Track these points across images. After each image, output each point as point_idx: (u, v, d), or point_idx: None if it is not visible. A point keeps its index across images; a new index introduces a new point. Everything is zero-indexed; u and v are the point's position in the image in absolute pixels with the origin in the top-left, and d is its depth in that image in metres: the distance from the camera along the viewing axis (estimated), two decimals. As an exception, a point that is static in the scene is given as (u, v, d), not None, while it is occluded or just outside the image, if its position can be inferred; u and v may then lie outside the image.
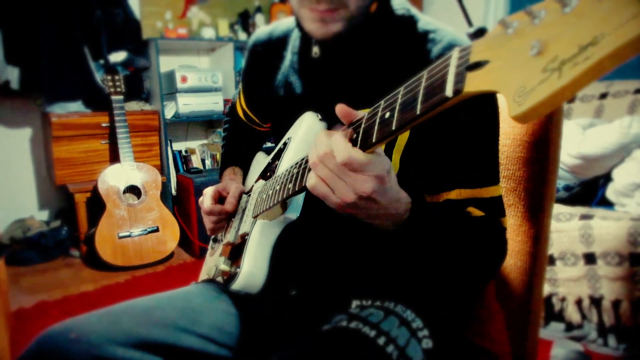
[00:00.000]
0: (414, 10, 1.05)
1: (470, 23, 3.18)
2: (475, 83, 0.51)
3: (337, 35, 0.96)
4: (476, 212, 0.95)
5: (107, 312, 1.03)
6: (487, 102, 0.95)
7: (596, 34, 0.39)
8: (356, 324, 0.95)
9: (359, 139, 0.71)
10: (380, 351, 0.90)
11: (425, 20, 1.03)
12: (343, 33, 0.96)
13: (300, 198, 1.05)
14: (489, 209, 0.95)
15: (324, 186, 0.76)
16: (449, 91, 0.54)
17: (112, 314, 1.03)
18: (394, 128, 0.64)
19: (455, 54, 0.55)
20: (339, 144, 0.71)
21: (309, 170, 0.81)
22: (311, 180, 0.77)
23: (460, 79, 0.53)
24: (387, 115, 0.65)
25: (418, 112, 0.59)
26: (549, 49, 0.42)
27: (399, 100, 0.64)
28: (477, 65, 0.51)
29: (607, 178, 2.76)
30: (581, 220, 2.38)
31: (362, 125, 0.71)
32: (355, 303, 1.04)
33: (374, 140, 0.68)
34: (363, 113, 0.74)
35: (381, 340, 0.91)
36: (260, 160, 1.39)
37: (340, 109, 0.76)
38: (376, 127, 0.68)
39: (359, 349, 0.91)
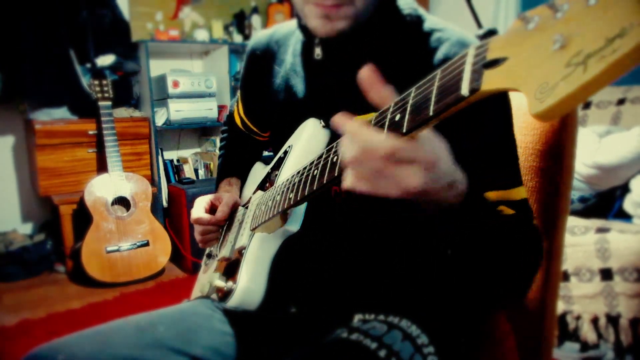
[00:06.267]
0: (421, 10, 1.06)
1: (479, 24, 3.19)
2: (493, 81, 0.51)
3: (342, 33, 0.98)
4: (508, 210, 0.92)
5: (97, 332, 1.03)
6: (501, 98, 0.96)
7: (624, 26, 0.39)
8: (357, 336, 0.95)
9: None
10: None
11: (432, 20, 1.04)
12: (348, 31, 0.98)
13: (301, 209, 1.05)
14: (519, 211, 0.94)
15: (364, 184, 0.68)
16: (464, 90, 0.54)
17: (102, 334, 1.03)
18: (404, 131, 0.63)
19: (471, 52, 0.55)
20: (378, 135, 0.65)
21: (340, 168, 0.75)
22: (348, 181, 0.69)
23: (477, 77, 0.53)
24: (397, 117, 0.65)
25: (431, 113, 0.59)
26: (572, 43, 0.43)
27: (410, 102, 0.63)
28: (495, 63, 0.51)
29: (624, 189, 2.76)
30: (597, 233, 2.38)
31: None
32: (357, 317, 1.04)
33: None
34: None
35: (382, 353, 0.91)
36: (258, 171, 1.39)
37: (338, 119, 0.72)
38: (385, 131, 0.67)
39: None
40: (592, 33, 0.41)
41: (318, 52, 1.09)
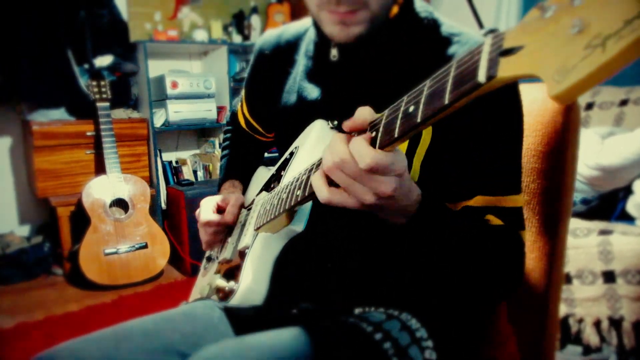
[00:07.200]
0: (437, 14, 1.07)
1: (481, 25, 3.19)
2: (509, 67, 0.52)
3: (359, 37, 0.98)
4: (495, 220, 0.96)
5: (103, 337, 1.03)
6: (512, 104, 0.98)
7: None
8: (354, 320, 0.96)
9: (379, 136, 0.71)
10: (374, 345, 0.92)
11: (448, 24, 1.06)
12: (365, 35, 0.98)
13: (306, 208, 1.05)
14: (508, 219, 0.97)
15: (339, 193, 0.78)
16: (481, 77, 0.55)
17: (109, 339, 1.02)
18: (419, 120, 0.64)
19: (487, 42, 0.56)
20: (362, 150, 0.72)
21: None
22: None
23: (493, 65, 0.53)
24: (412, 109, 0.66)
25: (447, 102, 0.60)
26: (591, 27, 0.43)
27: (425, 93, 0.64)
28: (512, 51, 0.52)
29: (627, 191, 2.76)
30: (600, 235, 2.38)
31: (383, 121, 0.72)
32: (357, 310, 1.05)
33: (396, 135, 0.68)
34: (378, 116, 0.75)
35: (378, 336, 0.92)
36: (261, 175, 1.39)
37: (351, 124, 0.77)
38: (399, 122, 0.68)
39: (351, 340, 0.92)
40: (611, 16, 0.42)
41: (334, 53, 1.09)
